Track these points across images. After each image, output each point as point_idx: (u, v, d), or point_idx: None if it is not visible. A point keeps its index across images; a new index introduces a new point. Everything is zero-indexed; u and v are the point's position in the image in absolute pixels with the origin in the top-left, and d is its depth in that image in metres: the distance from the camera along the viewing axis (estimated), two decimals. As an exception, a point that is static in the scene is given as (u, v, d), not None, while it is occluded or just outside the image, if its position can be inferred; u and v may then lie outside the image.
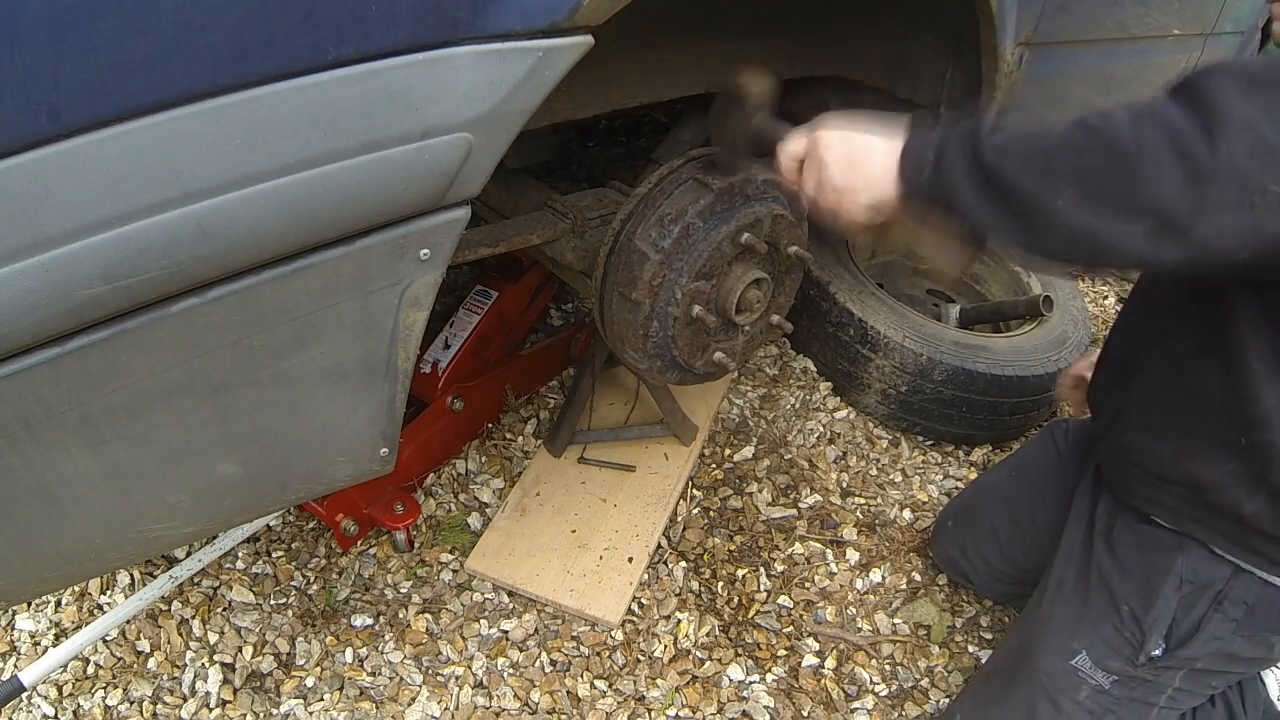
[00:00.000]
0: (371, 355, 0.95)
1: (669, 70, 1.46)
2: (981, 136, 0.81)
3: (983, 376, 1.85)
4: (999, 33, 1.34)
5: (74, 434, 0.79)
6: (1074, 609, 1.23)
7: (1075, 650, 1.21)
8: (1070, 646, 1.22)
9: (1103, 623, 1.19)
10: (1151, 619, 1.14)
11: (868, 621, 1.64)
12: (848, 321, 1.95)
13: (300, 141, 0.72)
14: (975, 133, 0.81)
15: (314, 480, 1.08)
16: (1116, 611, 1.18)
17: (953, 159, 0.82)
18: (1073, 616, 1.23)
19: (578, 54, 0.84)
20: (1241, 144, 0.70)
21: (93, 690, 1.48)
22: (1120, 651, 1.18)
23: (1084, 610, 1.22)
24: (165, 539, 0.99)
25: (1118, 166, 0.74)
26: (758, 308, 1.36)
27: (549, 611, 1.60)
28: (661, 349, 1.33)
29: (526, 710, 1.47)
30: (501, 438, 1.93)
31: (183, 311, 0.76)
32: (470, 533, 1.73)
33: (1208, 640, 1.12)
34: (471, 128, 0.81)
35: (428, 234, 0.87)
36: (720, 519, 1.79)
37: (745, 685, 1.52)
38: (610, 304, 1.32)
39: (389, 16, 0.72)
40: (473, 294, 1.91)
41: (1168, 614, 1.13)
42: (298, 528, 1.73)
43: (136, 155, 0.65)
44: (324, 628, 1.56)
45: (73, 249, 0.65)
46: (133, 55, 0.62)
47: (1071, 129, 0.77)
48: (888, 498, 1.88)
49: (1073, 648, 1.21)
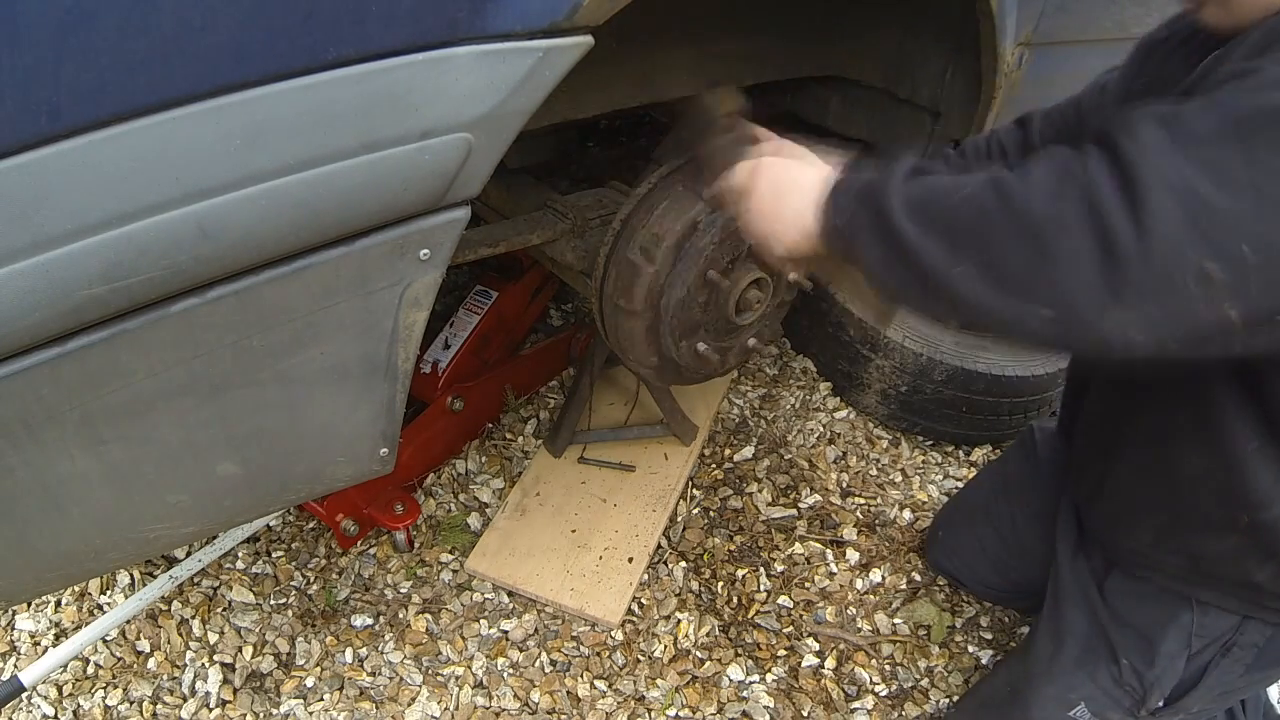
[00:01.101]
0: (371, 355, 0.95)
1: (669, 70, 1.46)
2: (892, 189, 0.73)
3: (983, 376, 1.85)
4: (999, 32, 1.33)
5: (74, 434, 0.79)
6: (1072, 658, 1.17)
7: (1073, 701, 1.16)
8: (1068, 698, 1.17)
9: (1101, 674, 1.14)
10: (1155, 675, 1.09)
11: (868, 621, 1.64)
12: (848, 321, 1.95)
13: (300, 142, 0.72)
14: (887, 184, 0.74)
15: (314, 480, 1.08)
16: (1116, 663, 1.12)
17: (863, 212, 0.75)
18: (1071, 666, 1.17)
19: (578, 54, 0.84)
20: (1172, 214, 0.58)
21: (93, 690, 1.48)
22: (1121, 703, 1.13)
23: (1082, 660, 1.16)
24: (165, 539, 0.99)
25: (1022, 241, 0.64)
26: (758, 308, 1.36)
27: (549, 611, 1.60)
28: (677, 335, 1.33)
29: (526, 710, 1.47)
30: (501, 438, 1.93)
31: (183, 312, 0.76)
32: (470, 533, 1.73)
33: (1212, 686, 1.07)
34: (471, 128, 0.81)
35: (428, 234, 0.87)
36: (720, 519, 1.79)
37: (745, 685, 1.52)
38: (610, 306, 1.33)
39: (389, 17, 0.72)
40: (473, 294, 1.91)
41: (1175, 670, 1.07)
42: (298, 528, 1.73)
43: (136, 155, 0.65)
44: (324, 628, 1.56)
45: (73, 249, 0.65)
46: (133, 55, 0.62)
47: (984, 183, 0.68)
48: (888, 498, 1.87)
49: (1070, 699, 1.17)
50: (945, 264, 0.67)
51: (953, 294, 0.68)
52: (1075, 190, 0.62)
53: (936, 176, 0.75)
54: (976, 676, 1.56)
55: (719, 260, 1.28)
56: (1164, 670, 1.08)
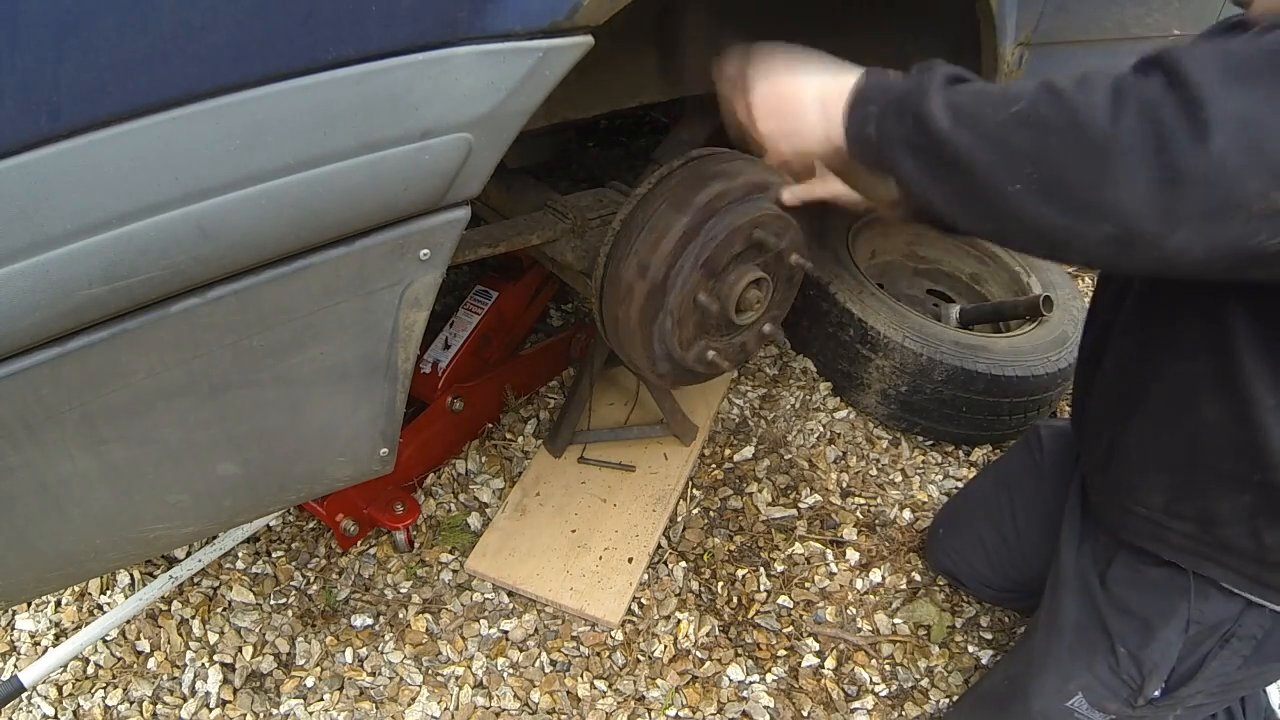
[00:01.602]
0: (371, 355, 0.95)
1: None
2: (931, 93, 0.69)
3: (983, 376, 1.85)
4: (999, 33, 1.33)
5: (74, 434, 0.79)
6: (1069, 648, 1.18)
7: (1071, 692, 1.17)
8: (1065, 688, 1.17)
9: (1099, 664, 1.14)
10: (1152, 662, 1.09)
11: (868, 621, 1.64)
12: (848, 322, 1.95)
13: (300, 142, 0.72)
14: (926, 90, 0.69)
15: (314, 480, 1.08)
16: (1113, 653, 1.13)
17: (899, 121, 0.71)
18: (1068, 656, 1.18)
19: (578, 54, 0.84)
20: (1235, 141, 0.58)
21: (93, 690, 1.48)
22: (1118, 693, 1.14)
23: (1079, 650, 1.17)
24: (165, 539, 0.99)
25: (1085, 156, 0.62)
26: (757, 307, 1.36)
27: (549, 611, 1.60)
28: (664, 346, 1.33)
29: (526, 710, 1.47)
30: (501, 438, 1.93)
31: (183, 311, 0.76)
32: (470, 533, 1.73)
33: (1210, 678, 1.07)
34: (471, 128, 0.81)
35: (428, 234, 0.87)
36: (720, 519, 1.79)
37: (745, 685, 1.52)
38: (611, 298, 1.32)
39: (389, 16, 0.72)
40: (473, 294, 1.91)
41: (1170, 657, 1.08)
42: (298, 528, 1.73)
43: (136, 155, 0.65)
44: (324, 628, 1.56)
45: (73, 249, 0.65)
46: (133, 55, 0.62)
47: (1039, 95, 0.65)
48: (888, 498, 1.87)
49: (1068, 689, 1.17)
50: (1002, 178, 0.65)
51: (1007, 209, 0.66)
52: (1138, 109, 0.61)
53: (981, 83, 0.72)
54: (976, 676, 1.56)
55: (713, 269, 1.28)
56: (1161, 657, 1.08)
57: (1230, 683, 1.09)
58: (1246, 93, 0.59)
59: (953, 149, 0.67)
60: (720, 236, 1.25)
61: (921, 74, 0.73)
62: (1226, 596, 1.03)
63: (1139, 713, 1.13)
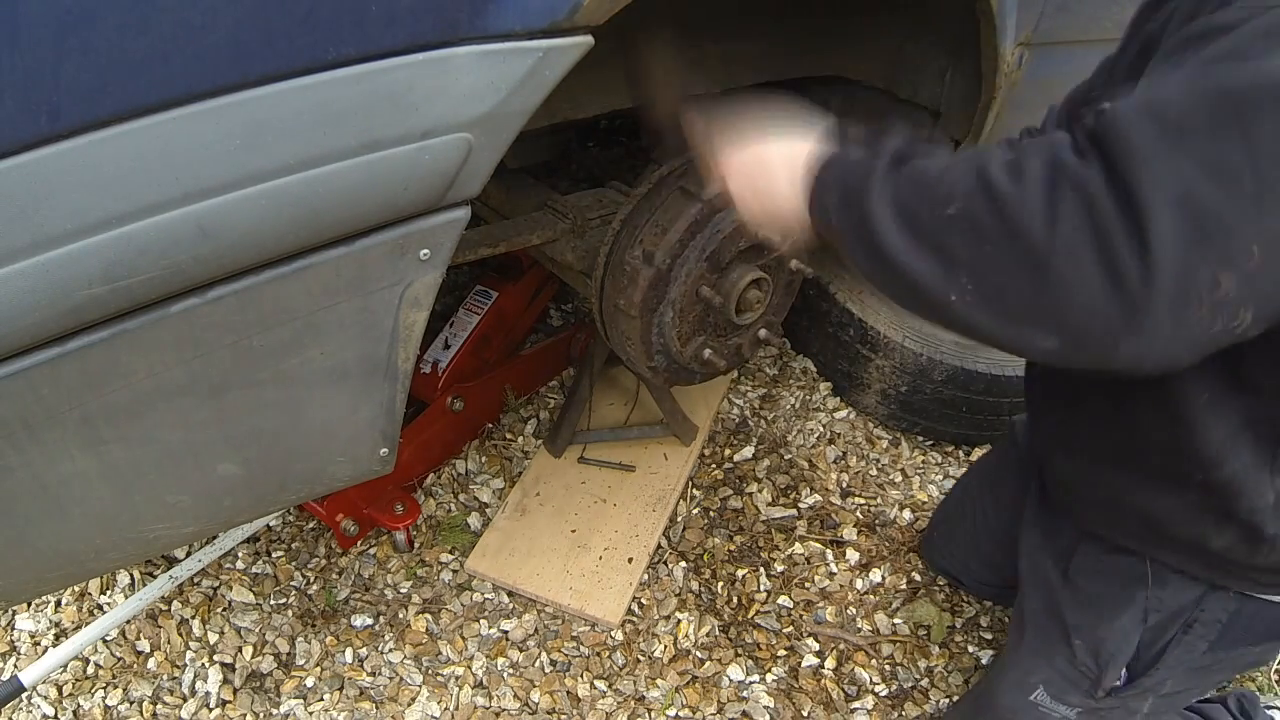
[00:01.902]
0: (371, 355, 0.95)
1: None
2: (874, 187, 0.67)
3: (983, 376, 1.85)
4: (999, 33, 1.33)
5: (74, 434, 0.79)
6: (1028, 642, 1.16)
7: (1033, 685, 1.15)
8: (1027, 682, 1.16)
9: (1056, 656, 1.12)
10: (1109, 653, 1.07)
11: (868, 621, 1.64)
12: (848, 322, 1.95)
13: (300, 142, 0.72)
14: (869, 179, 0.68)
15: (314, 480, 1.08)
16: (1068, 644, 1.11)
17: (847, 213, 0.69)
18: (1027, 650, 1.16)
19: (578, 54, 0.84)
20: (1177, 229, 0.54)
21: (93, 690, 1.48)
22: (1078, 685, 1.12)
23: (1036, 643, 1.15)
24: (165, 539, 0.99)
25: (1021, 266, 0.59)
26: (757, 308, 1.36)
27: (549, 611, 1.60)
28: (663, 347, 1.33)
29: (526, 710, 1.47)
30: (501, 438, 1.93)
31: (183, 311, 0.76)
32: (470, 533, 1.73)
33: (1174, 665, 1.05)
34: (471, 128, 0.81)
35: (428, 234, 0.87)
36: (720, 519, 1.79)
37: (745, 685, 1.52)
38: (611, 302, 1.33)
39: (389, 16, 0.72)
40: (473, 294, 1.91)
41: (1128, 646, 1.05)
42: (298, 528, 1.73)
43: (136, 155, 0.65)
44: (324, 628, 1.56)
45: (73, 249, 0.65)
46: (133, 55, 0.62)
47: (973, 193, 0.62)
48: (888, 498, 1.87)
49: (1030, 683, 1.16)
50: (941, 287, 0.63)
51: (952, 316, 0.64)
52: (1074, 206, 0.57)
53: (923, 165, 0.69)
54: (976, 676, 1.56)
55: (713, 268, 1.28)
56: (1117, 647, 1.06)
57: (1199, 668, 1.06)
58: (1183, 160, 0.55)
59: (891, 256, 0.65)
60: (727, 230, 1.25)
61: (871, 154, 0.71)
62: (1186, 581, 1.00)
63: (1103, 704, 1.12)
